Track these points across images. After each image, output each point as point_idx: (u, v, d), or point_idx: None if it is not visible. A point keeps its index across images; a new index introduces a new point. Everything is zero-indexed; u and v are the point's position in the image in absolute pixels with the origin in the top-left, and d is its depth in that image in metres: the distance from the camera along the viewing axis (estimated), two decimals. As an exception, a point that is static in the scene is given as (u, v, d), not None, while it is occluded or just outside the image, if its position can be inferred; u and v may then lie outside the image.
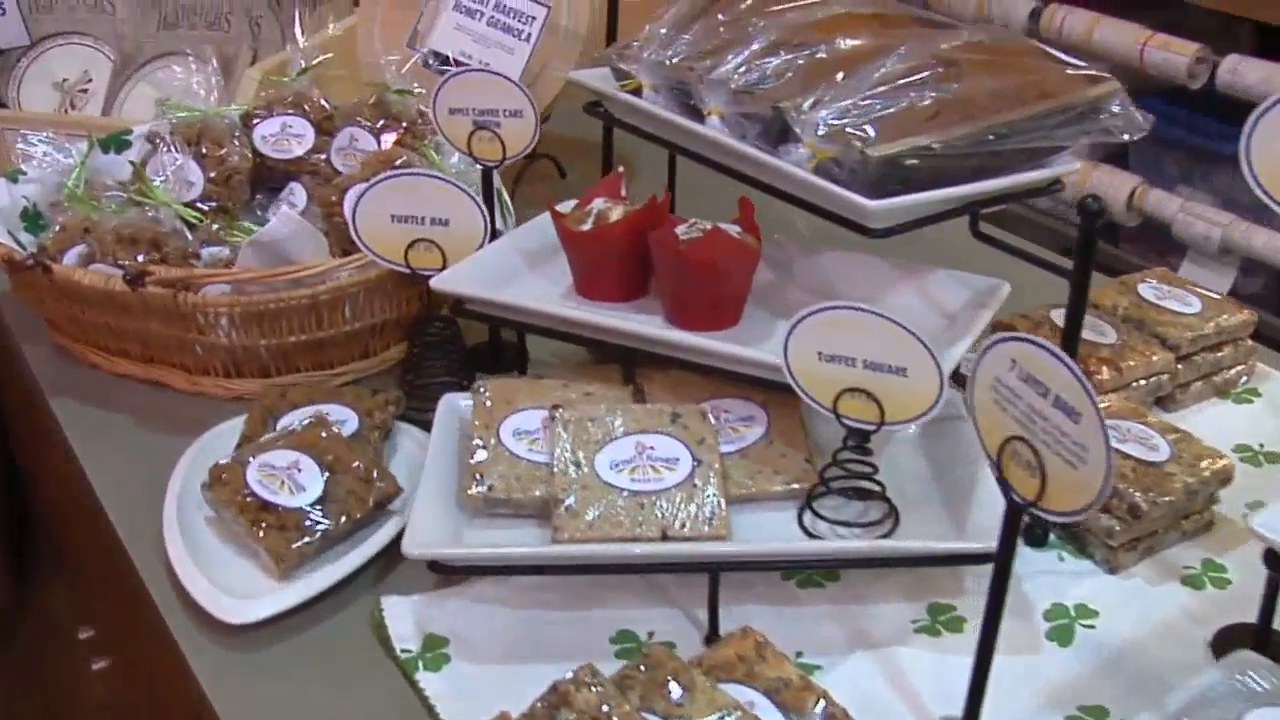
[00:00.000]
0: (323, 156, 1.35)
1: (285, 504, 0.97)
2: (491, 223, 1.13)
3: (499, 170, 1.21)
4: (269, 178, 1.36)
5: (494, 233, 1.13)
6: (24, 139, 1.35)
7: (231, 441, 1.08)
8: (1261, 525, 0.84)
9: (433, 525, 0.92)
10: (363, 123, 1.35)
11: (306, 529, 0.96)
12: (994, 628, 0.78)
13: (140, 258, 1.18)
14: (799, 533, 0.95)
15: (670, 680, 0.77)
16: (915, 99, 0.97)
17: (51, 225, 1.25)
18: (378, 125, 1.35)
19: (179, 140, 1.29)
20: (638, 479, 0.93)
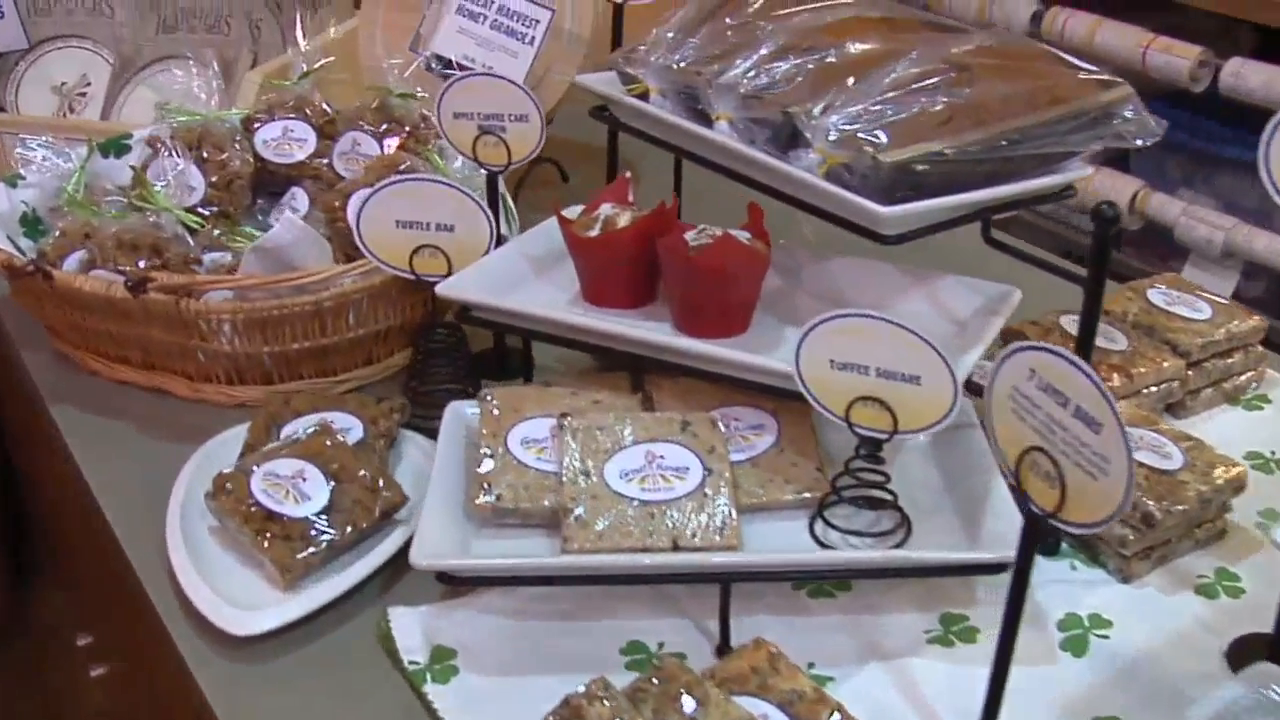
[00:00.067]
0: (325, 161, 1.33)
1: (290, 514, 0.96)
2: (496, 228, 1.11)
3: (503, 175, 1.20)
4: (270, 182, 1.35)
5: (499, 238, 1.12)
6: (23, 143, 1.33)
7: (235, 449, 1.06)
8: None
9: (440, 535, 0.91)
10: (365, 127, 1.33)
11: (312, 539, 0.95)
12: (1010, 640, 0.77)
13: (141, 264, 1.17)
14: (810, 542, 0.94)
15: (683, 693, 0.76)
16: (927, 104, 0.96)
17: (51, 230, 1.24)
18: (380, 129, 1.33)
19: (180, 145, 1.28)
20: (648, 488, 0.92)
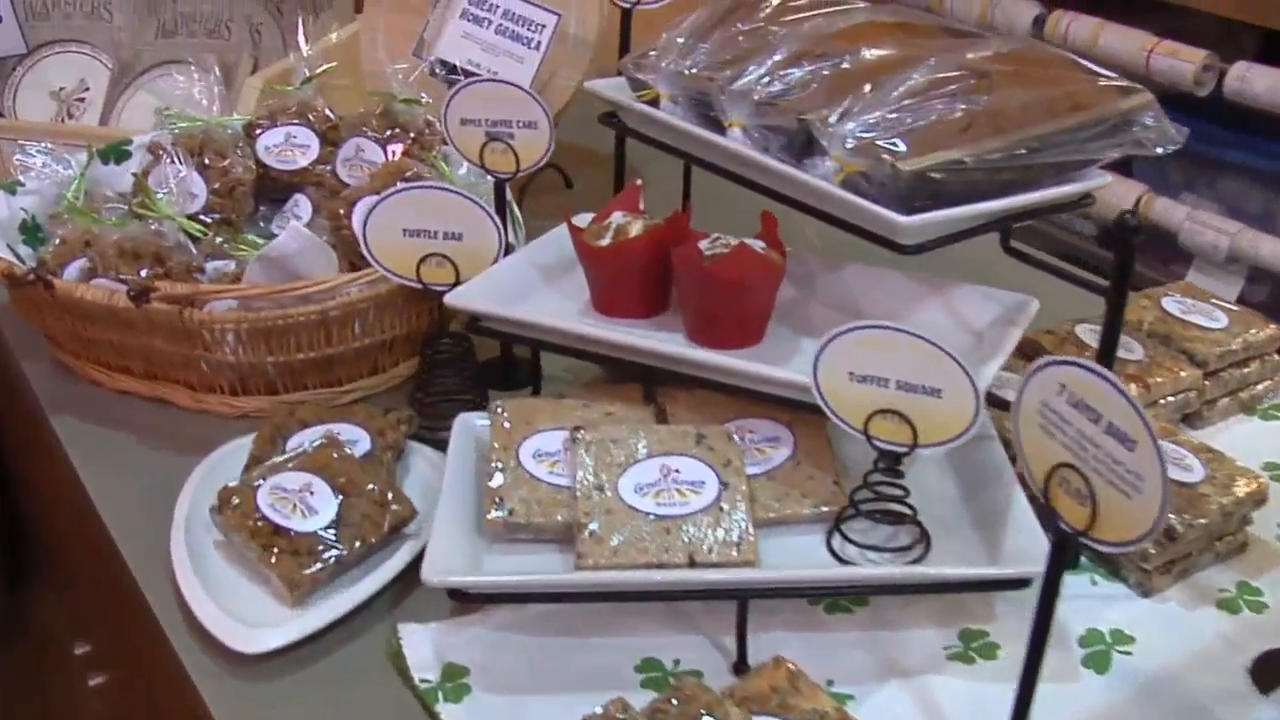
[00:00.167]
0: (328, 167, 1.32)
1: (298, 528, 0.94)
2: (505, 237, 1.10)
3: (510, 182, 1.18)
4: (272, 189, 1.33)
5: (507, 247, 1.11)
6: (22, 149, 1.30)
7: (240, 461, 1.05)
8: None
9: (452, 551, 0.89)
10: (369, 133, 1.31)
11: (320, 555, 0.93)
12: (1036, 662, 0.76)
13: (143, 272, 1.15)
14: (827, 557, 0.93)
15: (704, 714, 0.75)
16: (945, 111, 0.94)
17: (51, 238, 1.22)
18: (384, 135, 1.31)
19: (181, 151, 1.26)
20: (663, 503, 0.90)
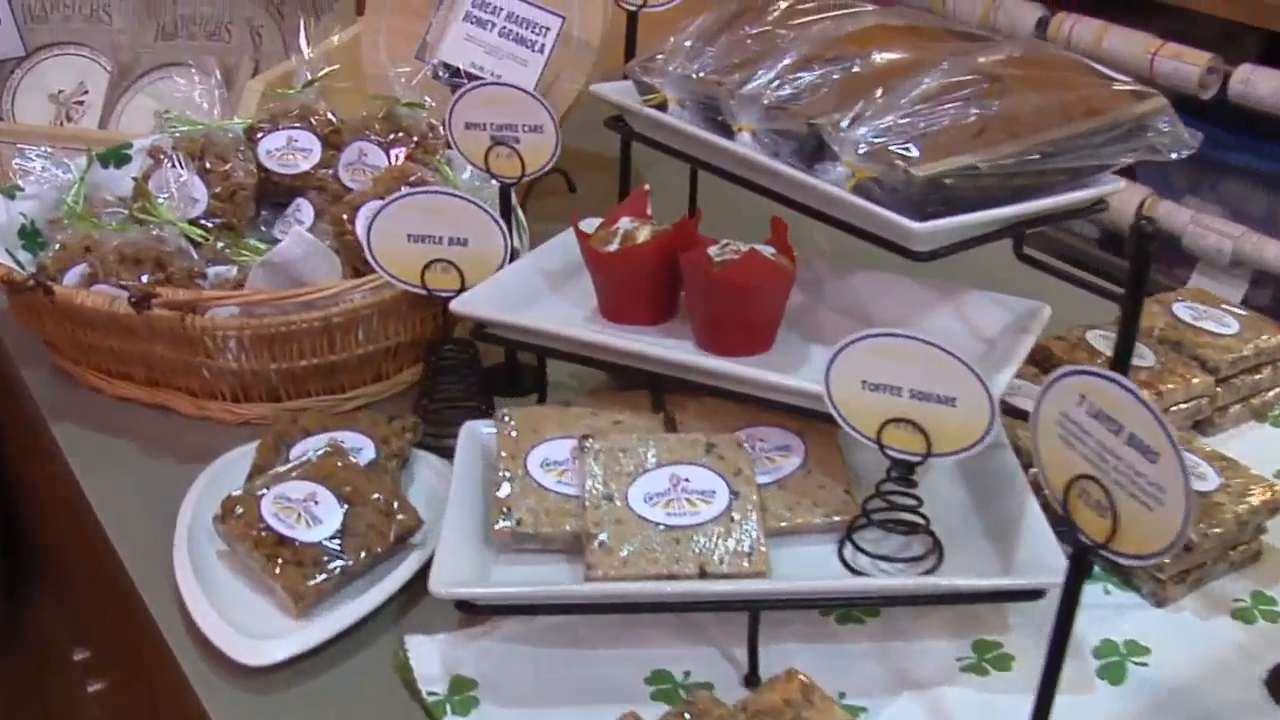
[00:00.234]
0: (330, 172, 1.30)
1: (302, 538, 0.93)
2: (510, 242, 1.09)
3: (515, 187, 1.17)
4: (274, 193, 1.31)
5: (512, 252, 1.10)
6: (20, 153, 1.29)
7: (243, 469, 1.03)
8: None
9: (459, 562, 0.88)
10: (372, 137, 1.30)
11: (325, 565, 0.92)
12: (1054, 676, 0.75)
13: (144, 278, 1.13)
14: (839, 567, 0.91)
15: (717, 729, 0.74)
16: (958, 116, 0.93)
17: (51, 243, 1.20)
18: (388, 139, 1.30)
19: (182, 155, 1.25)
20: (673, 513, 0.89)
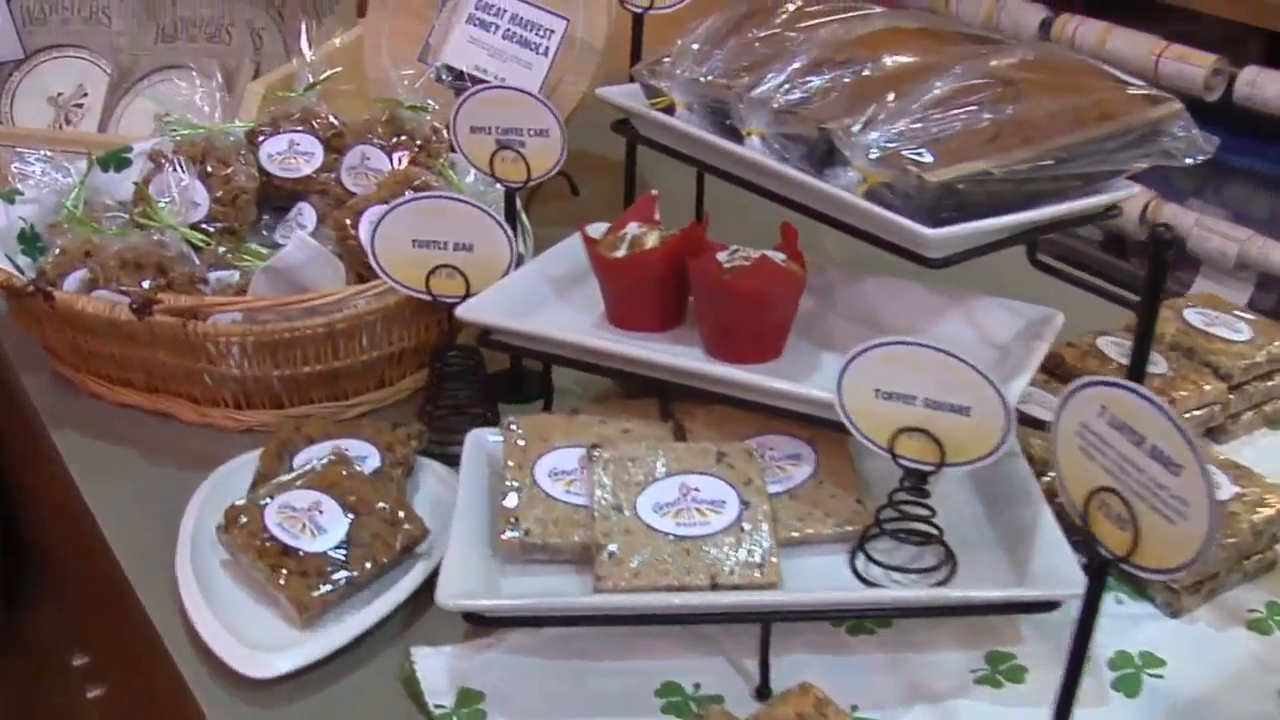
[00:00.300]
0: (333, 175, 1.29)
1: (307, 548, 0.92)
2: (516, 247, 1.07)
3: (520, 191, 1.16)
4: (275, 197, 1.30)
5: (517, 257, 1.08)
6: (19, 157, 1.27)
7: (245, 477, 1.02)
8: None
9: (466, 573, 0.87)
10: (375, 140, 1.29)
11: (330, 575, 0.91)
12: (1072, 691, 0.74)
13: (145, 283, 1.12)
14: (850, 577, 0.90)
15: (730, 744, 0.73)
16: (971, 121, 0.92)
17: (50, 248, 1.19)
18: (390, 143, 1.29)
19: (183, 159, 1.23)
20: (683, 523, 0.88)
